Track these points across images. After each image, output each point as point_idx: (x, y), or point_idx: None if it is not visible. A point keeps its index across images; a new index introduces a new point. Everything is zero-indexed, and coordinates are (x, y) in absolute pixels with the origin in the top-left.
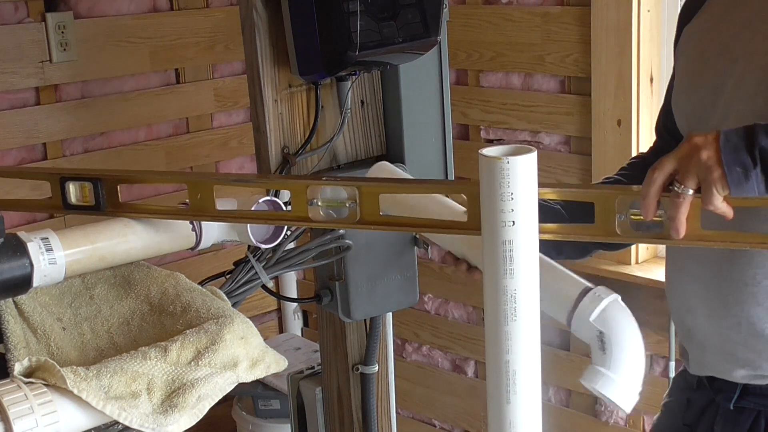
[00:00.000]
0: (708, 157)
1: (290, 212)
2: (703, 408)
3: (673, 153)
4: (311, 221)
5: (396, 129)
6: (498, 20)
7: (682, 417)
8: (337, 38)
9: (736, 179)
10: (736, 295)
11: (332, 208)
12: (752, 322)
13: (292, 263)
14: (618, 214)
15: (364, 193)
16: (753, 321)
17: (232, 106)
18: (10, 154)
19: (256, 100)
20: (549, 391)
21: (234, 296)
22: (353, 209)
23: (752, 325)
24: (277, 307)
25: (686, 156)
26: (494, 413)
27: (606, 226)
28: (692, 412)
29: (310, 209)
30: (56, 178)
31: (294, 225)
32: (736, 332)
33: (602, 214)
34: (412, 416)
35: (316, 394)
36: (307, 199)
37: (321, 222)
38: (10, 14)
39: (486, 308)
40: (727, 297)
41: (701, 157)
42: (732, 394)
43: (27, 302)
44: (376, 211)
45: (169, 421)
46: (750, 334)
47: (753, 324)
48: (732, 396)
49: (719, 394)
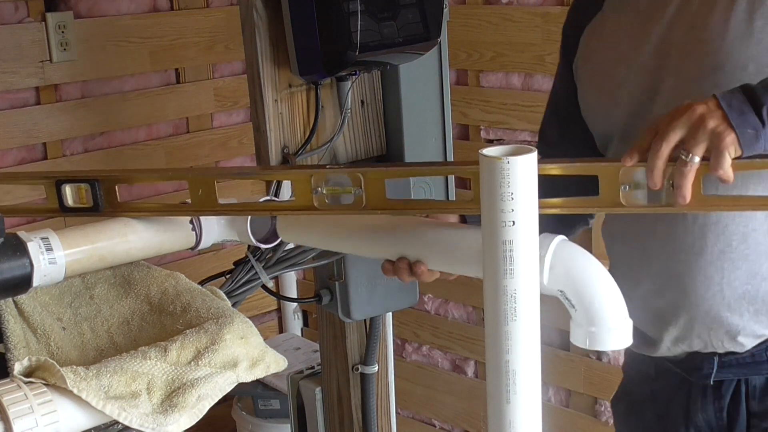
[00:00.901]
0: (717, 123)
1: (294, 202)
2: (671, 394)
3: (676, 122)
4: (316, 209)
5: (396, 129)
6: (498, 20)
7: (651, 408)
8: (338, 38)
9: (748, 141)
10: (716, 264)
11: (337, 196)
12: (734, 286)
13: (292, 263)
14: (622, 185)
15: (369, 179)
16: (734, 285)
17: (232, 106)
18: (10, 154)
19: (256, 99)
20: (549, 391)
21: (234, 296)
22: (359, 195)
23: (734, 289)
24: (277, 307)
25: (694, 124)
26: (494, 413)
27: (611, 197)
28: (661, 402)
29: (315, 198)
30: (51, 181)
31: (299, 214)
32: (720, 299)
33: (607, 186)
34: (412, 416)
35: (316, 394)
36: (312, 188)
37: (327, 209)
38: (11, 14)
39: (486, 308)
40: (707, 268)
41: (709, 124)
42: (710, 369)
43: (27, 302)
44: (382, 196)
45: (168, 420)
46: (733, 298)
47: (735, 288)
48: (711, 372)
49: (695, 372)
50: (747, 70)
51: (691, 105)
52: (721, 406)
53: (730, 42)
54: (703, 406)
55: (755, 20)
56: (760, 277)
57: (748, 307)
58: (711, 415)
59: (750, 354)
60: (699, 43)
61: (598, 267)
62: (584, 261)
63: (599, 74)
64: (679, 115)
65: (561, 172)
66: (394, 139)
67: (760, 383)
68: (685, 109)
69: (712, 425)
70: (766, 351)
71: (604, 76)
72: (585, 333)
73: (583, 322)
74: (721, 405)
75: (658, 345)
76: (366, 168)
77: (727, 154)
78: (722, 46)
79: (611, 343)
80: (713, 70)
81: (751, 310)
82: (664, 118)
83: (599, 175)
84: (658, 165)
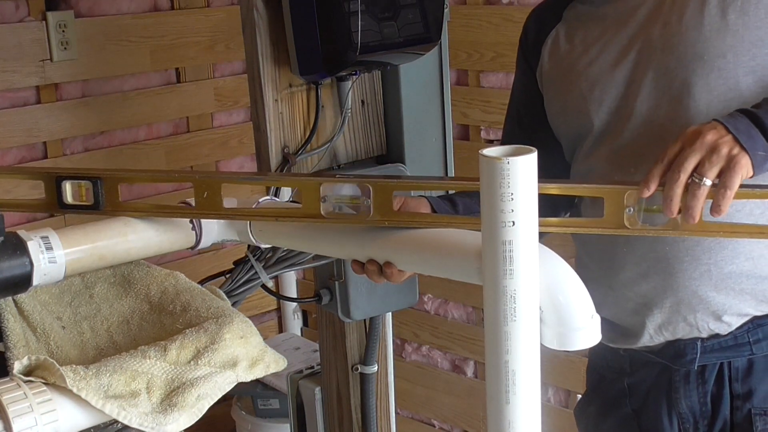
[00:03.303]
0: (730, 147)
1: (301, 209)
2: (649, 386)
3: (689, 149)
4: (323, 218)
5: (396, 129)
6: (499, 20)
7: (627, 404)
8: (338, 38)
9: (759, 162)
10: (703, 244)
11: (345, 205)
12: (720, 266)
13: (292, 263)
14: (627, 208)
15: (378, 190)
16: (721, 265)
17: (233, 105)
18: (11, 153)
19: (257, 99)
20: (548, 391)
21: (234, 296)
22: (367, 205)
23: (720, 269)
24: (276, 307)
25: (709, 150)
26: (493, 414)
27: (616, 219)
28: (638, 395)
29: (323, 206)
30: (52, 177)
31: (305, 221)
32: (707, 279)
33: (612, 208)
34: (412, 416)
35: (316, 393)
36: (320, 196)
37: (333, 218)
38: (11, 13)
39: (485, 308)
40: (695, 248)
41: (723, 149)
42: (694, 355)
43: (27, 301)
44: (389, 207)
45: (168, 420)
46: (719, 278)
47: (721, 268)
48: (694, 357)
49: (678, 360)
50: (726, 58)
51: (698, 131)
52: (705, 390)
53: (707, 33)
54: (686, 392)
55: (728, 14)
56: (744, 257)
57: (733, 287)
58: (695, 400)
59: (732, 336)
60: (676, 36)
61: (564, 266)
62: (551, 262)
63: (569, 78)
64: (690, 143)
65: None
66: (394, 139)
67: (742, 365)
68: (693, 136)
69: (695, 411)
70: (747, 332)
71: (576, 79)
72: (554, 333)
73: (552, 322)
74: (704, 390)
75: (639, 335)
76: (376, 179)
77: (740, 176)
78: (699, 37)
79: (580, 342)
80: (692, 59)
81: (736, 289)
82: (674, 147)
83: (605, 197)
84: (677, 193)
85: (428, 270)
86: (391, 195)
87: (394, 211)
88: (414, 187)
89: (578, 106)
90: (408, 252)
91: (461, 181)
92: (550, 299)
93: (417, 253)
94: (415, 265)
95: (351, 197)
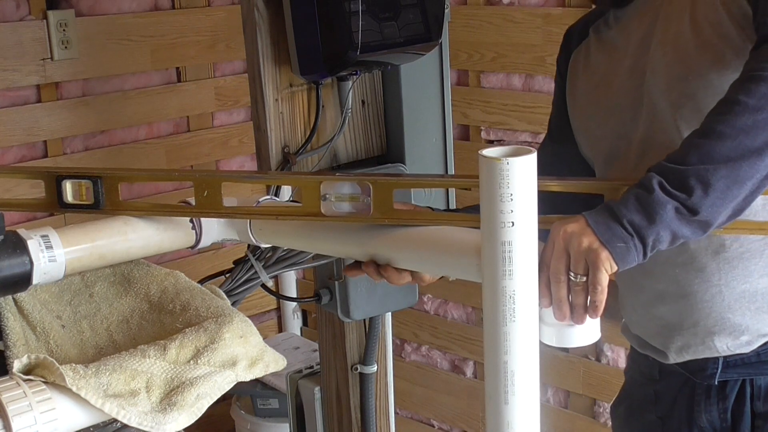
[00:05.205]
0: (590, 241)
1: (301, 207)
2: (675, 395)
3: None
4: (323, 216)
5: (396, 129)
6: (499, 21)
7: (653, 410)
8: (339, 38)
9: (621, 255)
10: (712, 265)
11: (345, 203)
12: (731, 286)
13: (292, 262)
14: None
15: (378, 188)
16: (732, 285)
17: (233, 105)
18: (11, 152)
19: (257, 99)
20: (547, 392)
21: (233, 295)
22: (367, 203)
23: (732, 289)
24: (276, 307)
25: (570, 247)
26: (492, 414)
27: None
28: (664, 403)
29: (323, 204)
30: (52, 176)
31: (305, 220)
32: (719, 300)
33: None
34: (411, 416)
35: (315, 393)
36: (320, 194)
37: (334, 217)
38: (12, 11)
39: (485, 309)
40: (704, 270)
41: (582, 243)
42: (715, 369)
43: (27, 300)
44: (389, 205)
45: (167, 419)
46: (732, 298)
47: (733, 288)
48: (715, 372)
49: (699, 373)
50: (708, 78)
51: (562, 227)
52: (725, 406)
53: (687, 53)
54: (706, 407)
55: (703, 32)
56: (757, 275)
57: (749, 306)
58: (715, 416)
59: (755, 353)
60: (663, 57)
61: None
62: None
63: (583, 98)
64: (555, 245)
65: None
66: (394, 139)
67: (765, 383)
68: (556, 235)
69: (715, 426)
70: None
71: (587, 99)
72: (553, 331)
73: (551, 319)
74: (725, 406)
75: (666, 356)
76: (376, 177)
77: (603, 271)
78: (681, 58)
79: (578, 340)
80: (678, 81)
81: (752, 308)
82: (546, 251)
83: (604, 193)
84: (563, 296)
85: (428, 268)
86: (391, 193)
87: (394, 209)
88: (414, 185)
89: (587, 127)
90: (408, 250)
91: (461, 179)
92: None
93: (417, 250)
94: (414, 263)
95: (351, 195)
